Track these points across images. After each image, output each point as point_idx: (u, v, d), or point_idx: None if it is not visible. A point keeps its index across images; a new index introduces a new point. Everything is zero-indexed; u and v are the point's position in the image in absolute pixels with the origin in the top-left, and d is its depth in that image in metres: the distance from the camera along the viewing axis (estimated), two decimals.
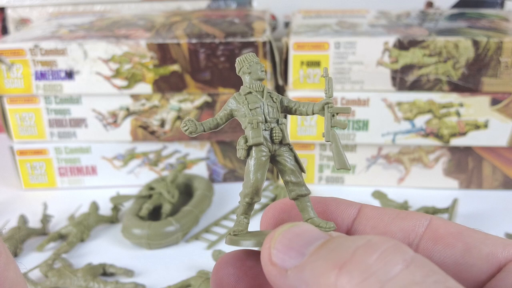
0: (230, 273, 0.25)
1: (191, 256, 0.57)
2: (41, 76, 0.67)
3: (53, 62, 0.66)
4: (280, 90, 0.69)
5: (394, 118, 0.66)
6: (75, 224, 0.60)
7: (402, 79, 0.65)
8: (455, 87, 0.64)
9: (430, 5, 0.86)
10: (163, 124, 0.69)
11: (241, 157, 0.27)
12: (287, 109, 0.28)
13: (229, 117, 0.28)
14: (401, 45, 0.63)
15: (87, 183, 0.73)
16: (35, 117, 0.69)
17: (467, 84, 0.64)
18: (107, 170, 0.73)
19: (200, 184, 0.68)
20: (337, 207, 0.27)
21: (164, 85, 0.67)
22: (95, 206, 0.64)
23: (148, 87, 0.67)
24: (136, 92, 0.67)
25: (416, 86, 0.65)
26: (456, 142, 0.67)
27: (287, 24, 0.87)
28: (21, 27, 0.88)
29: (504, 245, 0.23)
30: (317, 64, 0.65)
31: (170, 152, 0.72)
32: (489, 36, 0.62)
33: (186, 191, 0.69)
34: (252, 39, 0.65)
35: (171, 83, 0.67)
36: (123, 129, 0.70)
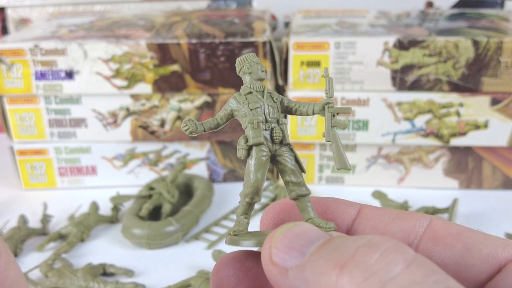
0: (230, 274, 0.25)
1: (191, 256, 0.57)
2: (41, 76, 0.67)
3: (53, 62, 0.66)
4: (280, 90, 0.69)
5: (394, 118, 0.66)
6: (75, 224, 0.60)
7: (402, 79, 0.65)
8: (455, 87, 0.64)
9: (430, 5, 0.86)
10: (163, 124, 0.69)
11: (241, 157, 0.27)
12: (287, 109, 0.28)
13: (229, 117, 0.28)
14: (401, 45, 0.63)
15: (87, 183, 0.73)
16: (35, 117, 0.69)
17: (467, 84, 0.64)
18: (107, 170, 0.73)
19: (200, 184, 0.68)
20: (337, 207, 0.27)
21: (164, 85, 0.67)
22: (95, 206, 0.64)
23: (148, 87, 0.67)
24: (136, 92, 0.68)
25: (416, 86, 0.65)
26: (456, 142, 0.67)
27: (287, 24, 0.87)
28: (21, 27, 0.88)
29: (504, 245, 0.23)
30: (317, 64, 0.65)
31: (170, 152, 0.72)
32: (489, 36, 0.62)
33: (186, 191, 0.69)
34: (252, 39, 0.65)
35: (171, 83, 0.67)
36: (123, 129, 0.70)
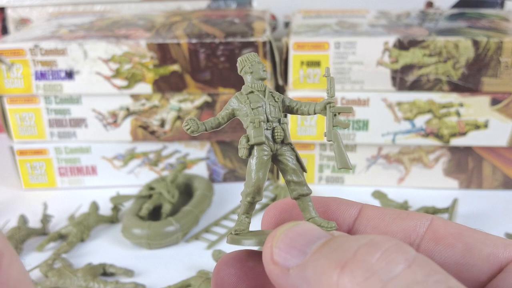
0: (231, 273, 0.25)
1: (191, 256, 0.57)
2: (41, 76, 0.67)
3: (53, 62, 0.66)
4: (280, 90, 0.69)
5: (394, 118, 0.66)
6: (75, 224, 0.60)
7: (402, 79, 0.65)
8: (455, 87, 0.64)
9: (430, 5, 0.86)
10: (163, 124, 0.69)
11: (243, 156, 0.27)
12: (288, 108, 0.28)
13: (231, 116, 0.28)
14: (401, 45, 0.63)
15: (87, 183, 0.73)
16: (35, 117, 0.69)
17: (467, 84, 0.64)
18: (107, 170, 0.73)
19: (200, 184, 0.68)
20: (338, 207, 0.27)
21: (164, 85, 0.67)
22: (95, 206, 0.64)
23: (148, 87, 0.67)
24: (136, 92, 0.67)
25: (416, 86, 0.65)
26: (456, 142, 0.67)
27: (287, 24, 0.87)
28: (21, 27, 0.88)
29: (505, 245, 0.23)
30: (317, 64, 0.65)
31: (170, 152, 0.72)
32: (489, 36, 0.62)
33: (186, 191, 0.69)
34: (252, 39, 0.65)
35: (171, 83, 0.67)
36: (123, 129, 0.70)
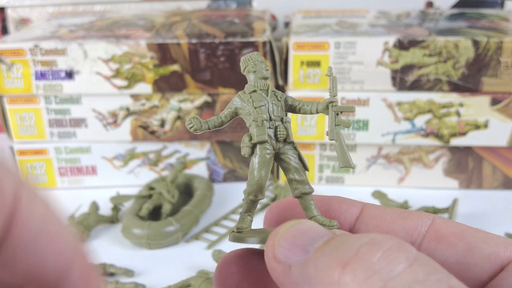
0: (233, 272, 0.25)
1: (191, 256, 0.57)
2: (41, 76, 0.67)
3: (53, 62, 0.66)
4: (280, 90, 0.69)
5: (394, 118, 0.66)
6: (75, 224, 0.60)
7: (402, 79, 0.65)
8: (455, 87, 0.64)
9: (430, 5, 0.86)
10: (163, 124, 0.69)
11: (245, 155, 0.27)
12: (291, 108, 0.28)
13: (233, 115, 0.28)
14: (401, 45, 0.63)
15: (87, 183, 0.73)
16: (35, 117, 0.69)
17: (467, 84, 0.64)
18: (107, 170, 0.73)
19: (200, 184, 0.68)
20: (340, 206, 0.27)
21: (164, 85, 0.67)
22: (95, 206, 0.64)
23: (148, 87, 0.67)
24: (136, 92, 0.67)
25: (416, 86, 0.65)
26: (456, 142, 0.67)
27: (287, 24, 0.87)
28: (21, 27, 0.88)
29: (506, 244, 0.23)
30: (317, 64, 0.65)
31: (170, 152, 0.72)
32: (489, 36, 0.62)
33: (186, 191, 0.69)
34: (252, 39, 0.65)
35: (171, 83, 0.67)
36: (123, 129, 0.70)
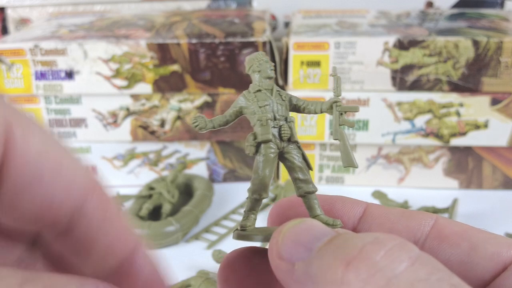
0: (236, 270, 0.25)
1: (191, 256, 0.57)
2: (41, 76, 0.67)
3: (53, 62, 0.66)
4: None
5: (394, 118, 0.66)
6: None
7: (402, 79, 0.65)
8: (455, 87, 0.64)
9: (430, 5, 0.86)
10: (163, 124, 0.69)
11: (249, 154, 0.27)
12: (295, 107, 0.28)
13: (238, 114, 0.28)
14: (401, 45, 0.63)
15: None
16: (35, 117, 0.69)
17: (467, 84, 0.64)
18: (107, 170, 0.73)
19: (200, 184, 0.68)
20: (343, 205, 0.27)
21: (164, 85, 0.67)
22: None
23: (148, 87, 0.67)
24: (136, 92, 0.67)
25: (416, 86, 0.65)
26: (456, 142, 0.67)
27: (287, 24, 0.87)
28: (21, 27, 0.88)
29: (509, 245, 0.23)
30: (317, 64, 0.65)
31: (170, 152, 0.72)
32: (489, 36, 0.62)
33: (186, 191, 0.69)
34: (252, 39, 0.65)
35: (171, 83, 0.67)
36: (123, 129, 0.70)
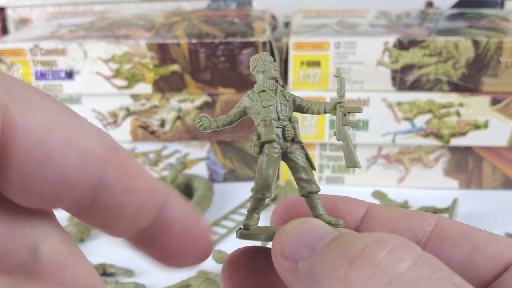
0: (239, 270, 0.25)
1: None
2: (41, 76, 0.67)
3: (53, 62, 0.66)
4: None
5: (394, 118, 0.66)
6: (75, 224, 0.60)
7: (402, 79, 0.65)
8: (455, 87, 0.64)
9: (430, 5, 0.86)
10: (163, 124, 0.69)
11: (253, 153, 0.27)
12: (299, 108, 0.28)
13: (242, 114, 0.28)
14: (401, 45, 0.63)
15: None
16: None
17: (467, 84, 0.64)
18: None
19: (200, 184, 0.68)
20: (346, 205, 0.27)
21: (164, 85, 0.67)
22: None
23: (148, 87, 0.67)
24: (136, 92, 0.67)
25: (416, 86, 0.65)
26: (456, 142, 0.67)
27: (287, 24, 0.87)
28: (21, 27, 0.88)
29: (510, 245, 0.23)
30: (317, 64, 0.65)
31: (170, 152, 0.72)
32: (489, 36, 0.62)
33: (186, 191, 0.69)
34: (252, 39, 0.65)
35: (171, 83, 0.67)
36: (123, 129, 0.70)
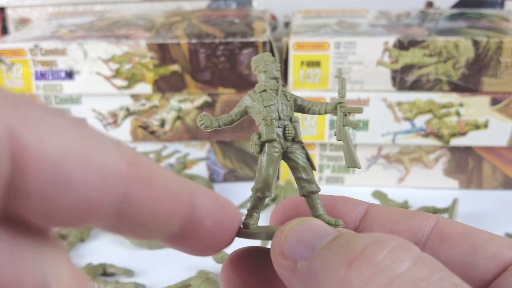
0: (239, 269, 0.25)
1: (191, 256, 0.57)
2: (41, 76, 0.67)
3: (53, 62, 0.66)
4: None
5: (394, 118, 0.66)
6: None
7: (402, 79, 0.65)
8: (455, 87, 0.64)
9: (430, 5, 0.86)
10: (163, 124, 0.69)
11: (254, 153, 0.27)
12: (300, 108, 0.29)
13: (243, 113, 0.28)
14: (401, 45, 0.63)
15: None
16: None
17: (467, 84, 0.64)
18: None
19: (200, 184, 0.68)
20: (345, 205, 0.27)
21: (164, 85, 0.67)
22: None
23: (148, 87, 0.67)
24: (136, 92, 0.68)
25: (416, 86, 0.65)
26: (456, 142, 0.67)
27: (287, 24, 0.87)
28: (21, 27, 0.88)
29: (510, 245, 0.23)
30: (317, 64, 0.65)
31: (170, 152, 0.73)
32: (489, 36, 0.62)
33: None
34: (252, 39, 0.65)
35: (171, 83, 0.67)
36: (123, 129, 0.70)
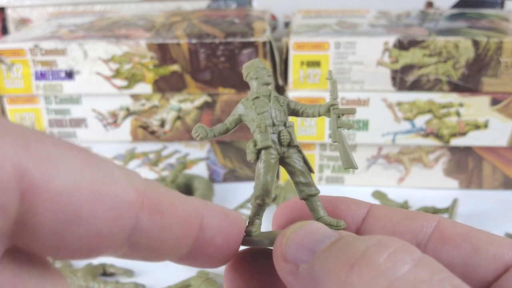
0: (241, 271, 0.25)
1: None
2: (41, 76, 0.67)
3: (53, 62, 0.66)
4: (280, 90, 0.69)
5: (394, 118, 0.66)
6: None
7: (402, 79, 0.65)
8: (455, 87, 0.64)
9: (430, 5, 0.86)
10: (163, 124, 0.69)
11: (251, 160, 0.27)
12: (294, 111, 0.29)
13: (238, 122, 0.28)
14: (401, 45, 0.63)
15: None
16: (35, 117, 0.69)
17: (467, 84, 0.64)
18: None
19: (200, 184, 0.68)
20: (347, 206, 0.27)
21: (164, 85, 0.67)
22: None
23: (148, 87, 0.67)
24: (136, 92, 0.68)
25: (416, 86, 0.65)
26: (456, 142, 0.67)
27: (287, 24, 0.87)
28: (21, 27, 0.88)
29: (511, 246, 0.23)
30: (317, 64, 0.65)
31: (170, 152, 0.73)
32: (489, 36, 0.62)
33: (186, 191, 0.69)
34: (252, 39, 0.65)
35: (171, 83, 0.67)
36: (123, 129, 0.70)
